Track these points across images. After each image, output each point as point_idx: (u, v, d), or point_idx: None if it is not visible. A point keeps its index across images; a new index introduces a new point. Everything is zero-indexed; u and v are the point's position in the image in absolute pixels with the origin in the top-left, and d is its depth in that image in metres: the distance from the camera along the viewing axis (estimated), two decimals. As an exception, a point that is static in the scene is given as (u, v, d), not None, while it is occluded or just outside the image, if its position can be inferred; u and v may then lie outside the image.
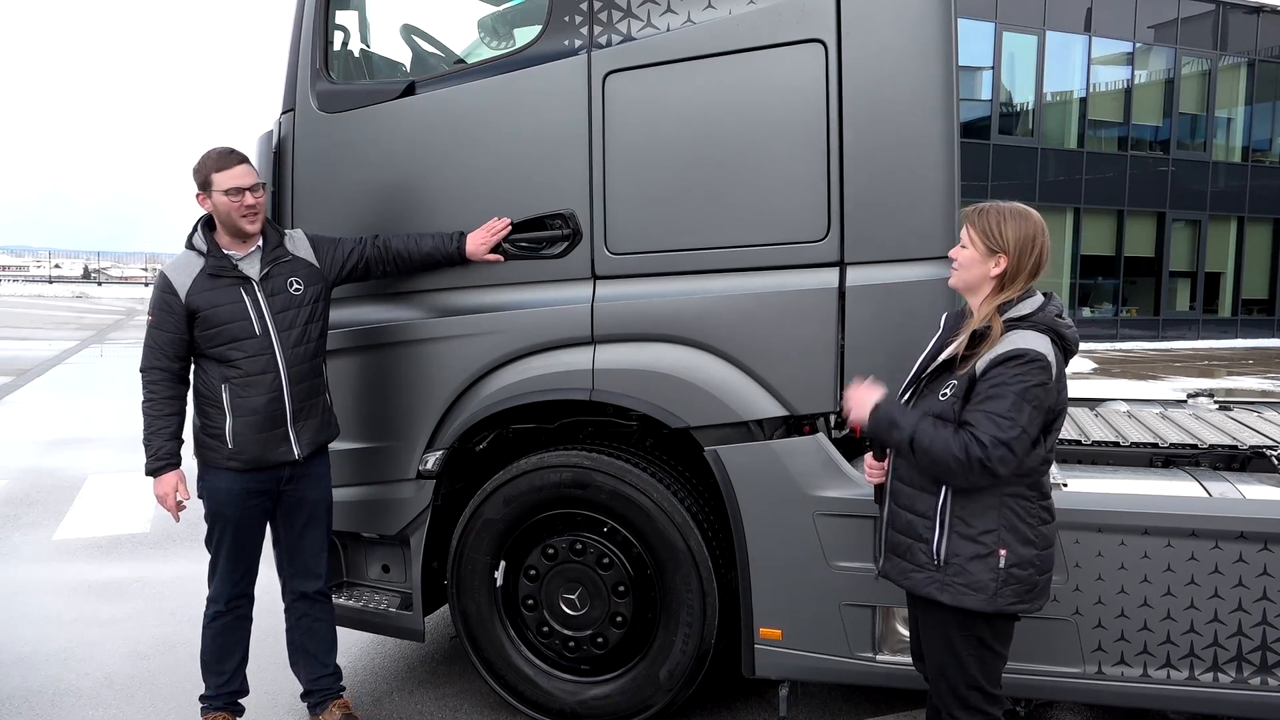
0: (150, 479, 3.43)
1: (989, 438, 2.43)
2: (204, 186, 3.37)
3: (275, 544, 3.64)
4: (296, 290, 3.46)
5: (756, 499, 3.36)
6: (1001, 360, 2.47)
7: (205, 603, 3.58)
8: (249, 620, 3.65)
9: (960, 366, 2.55)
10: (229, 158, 3.37)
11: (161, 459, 3.39)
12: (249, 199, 3.34)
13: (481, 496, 3.71)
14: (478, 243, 3.57)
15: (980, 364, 2.51)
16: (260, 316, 3.38)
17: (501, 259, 3.60)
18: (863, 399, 2.69)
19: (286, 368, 3.39)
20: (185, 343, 3.37)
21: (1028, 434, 2.46)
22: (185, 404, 3.44)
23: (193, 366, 3.44)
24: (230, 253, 3.41)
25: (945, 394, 2.56)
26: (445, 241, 3.59)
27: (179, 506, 3.45)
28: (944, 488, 2.57)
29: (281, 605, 3.71)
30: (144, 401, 3.40)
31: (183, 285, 3.35)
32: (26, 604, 5.14)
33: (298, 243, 3.55)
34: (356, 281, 3.69)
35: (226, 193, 3.33)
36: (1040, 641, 3.12)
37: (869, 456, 2.86)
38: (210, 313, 3.34)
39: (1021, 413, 2.44)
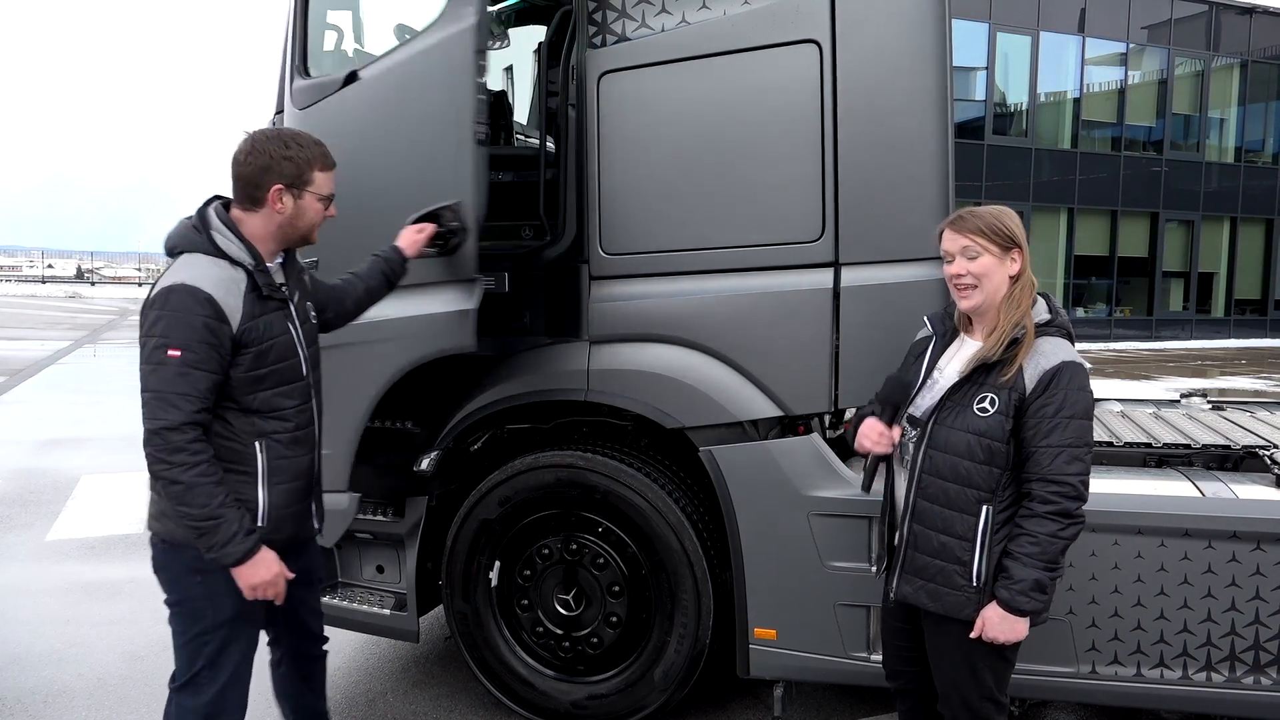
0: (235, 567, 2.48)
1: (1074, 476, 2.41)
2: (298, 183, 2.56)
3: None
4: (314, 318, 2.80)
5: (751, 499, 3.36)
6: (1052, 375, 2.43)
7: None
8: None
9: (999, 374, 2.48)
10: (330, 156, 2.66)
11: (253, 531, 2.50)
12: (332, 210, 2.70)
13: (476, 497, 3.71)
14: (409, 242, 3.09)
15: (1028, 379, 2.44)
16: (302, 352, 2.67)
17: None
18: (998, 622, 2.48)
19: (318, 416, 2.74)
20: (221, 387, 2.50)
21: (1091, 447, 2.47)
22: None
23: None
24: (269, 265, 2.61)
25: (986, 409, 2.47)
26: (390, 263, 3.06)
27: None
28: (985, 508, 2.49)
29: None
30: (187, 471, 2.39)
31: (234, 309, 2.46)
32: (19, 605, 5.13)
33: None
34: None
35: (324, 199, 2.62)
36: (1034, 641, 3.10)
37: (872, 421, 2.67)
38: (265, 348, 2.53)
39: (1088, 433, 2.45)
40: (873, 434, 2.66)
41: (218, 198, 2.61)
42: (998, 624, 2.48)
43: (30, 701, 4.04)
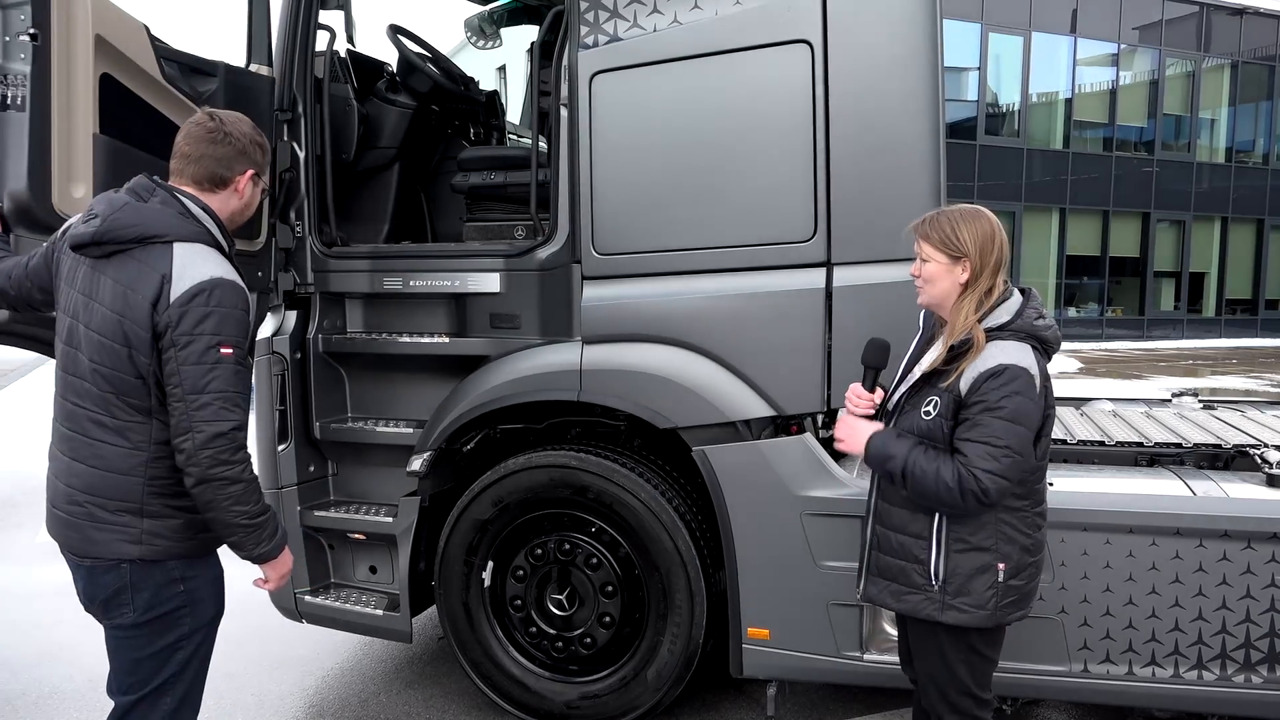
0: (273, 559, 2.45)
1: (983, 471, 2.37)
2: (262, 171, 2.47)
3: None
4: None
5: (744, 499, 3.36)
6: (986, 377, 2.40)
7: None
8: None
9: (943, 380, 2.48)
10: None
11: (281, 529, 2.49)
12: None
13: (469, 497, 3.70)
14: None
15: (964, 382, 2.43)
16: None
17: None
18: (855, 429, 2.62)
19: None
20: None
21: (1021, 456, 2.41)
22: None
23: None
24: None
25: (929, 412, 2.49)
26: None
27: None
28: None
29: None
30: (247, 468, 2.31)
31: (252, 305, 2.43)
32: (9, 606, 5.10)
33: None
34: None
35: (264, 190, 2.58)
36: (1026, 640, 3.13)
37: (855, 386, 2.72)
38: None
39: (1013, 436, 2.39)
40: (852, 397, 2.71)
41: (149, 177, 2.37)
42: (851, 431, 2.62)
43: (20, 704, 4.02)
